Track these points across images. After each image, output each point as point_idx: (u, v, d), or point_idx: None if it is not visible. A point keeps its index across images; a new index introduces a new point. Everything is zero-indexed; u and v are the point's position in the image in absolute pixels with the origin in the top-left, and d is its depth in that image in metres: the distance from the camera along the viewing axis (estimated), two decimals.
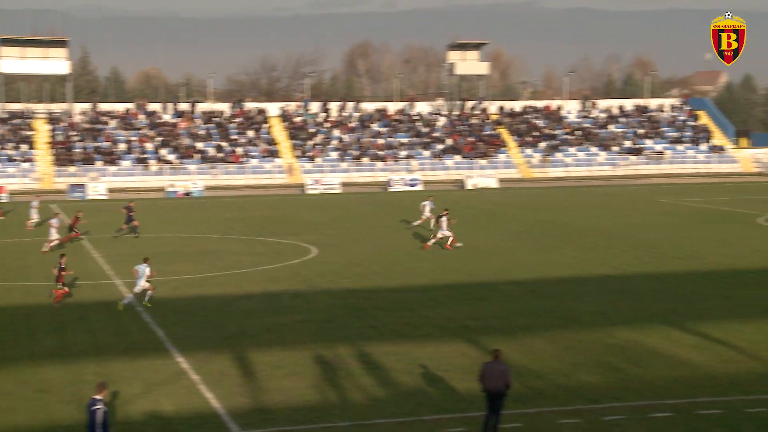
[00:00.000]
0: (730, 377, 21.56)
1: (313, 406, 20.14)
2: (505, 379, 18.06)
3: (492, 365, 18.25)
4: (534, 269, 36.19)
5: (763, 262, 36.76)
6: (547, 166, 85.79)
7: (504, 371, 18.11)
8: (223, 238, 46.42)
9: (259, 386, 21.42)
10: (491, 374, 18.10)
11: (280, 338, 25.67)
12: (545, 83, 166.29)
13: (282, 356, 23.80)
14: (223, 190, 75.14)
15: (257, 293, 31.91)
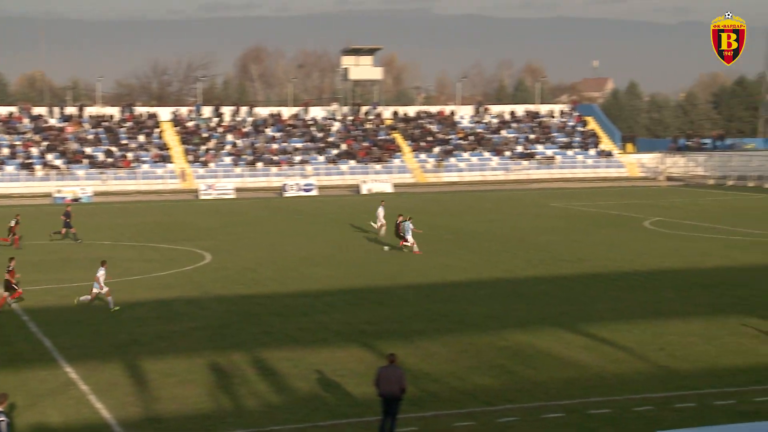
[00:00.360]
0: (618, 377, 22.13)
1: (206, 413, 19.88)
2: (400, 384, 18.13)
3: (387, 370, 18.32)
4: (429, 273, 36.49)
5: (649, 265, 37.88)
6: (441, 171, 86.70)
7: (399, 375, 18.20)
8: (114, 244, 45.46)
9: (150, 395, 21.04)
10: (387, 379, 18.16)
11: (172, 346, 25.27)
12: (438, 89, 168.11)
13: (175, 364, 23.43)
14: (114, 196, 73.60)
15: (149, 300, 31.34)
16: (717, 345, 24.77)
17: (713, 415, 19.30)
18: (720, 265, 37.59)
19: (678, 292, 32.05)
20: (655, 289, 32.69)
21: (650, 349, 24.49)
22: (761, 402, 20.08)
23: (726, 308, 29.23)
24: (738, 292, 31.75)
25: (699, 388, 21.18)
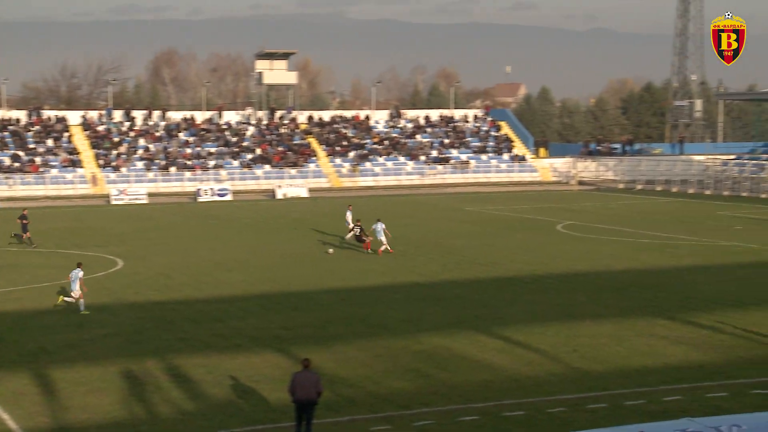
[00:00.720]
0: (532, 379, 22.42)
1: (119, 422, 19.52)
2: (316, 388, 18.07)
3: (302, 375, 18.23)
4: (345, 277, 36.49)
5: (561, 268, 38.51)
6: (357, 176, 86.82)
7: (315, 380, 18.13)
8: (21, 251, 44.38)
9: (60, 404, 20.56)
10: (302, 384, 18.06)
11: (83, 354, 24.75)
12: (353, 93, 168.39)
13: (85, 372, 22.95)
14: (21, 201, 71.80)
15: (58, 308, 30.64)
16: (627, 346, 25.29)
17: (624, 415, 19.68)
18: (629, 268, 38.42)
19: (589, 294, 32.65)
20: (567, 291, 33.25)
21: (563, 351, 24.88)
22: (670, 401, 20.55)
23: (635, 310, 29.88)
24: (646, 295, 32.48)
25: (610, 388, 21.58)
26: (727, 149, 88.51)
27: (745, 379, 22.13)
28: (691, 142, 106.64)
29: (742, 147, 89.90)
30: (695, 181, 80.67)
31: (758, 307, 30.13)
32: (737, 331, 26.85)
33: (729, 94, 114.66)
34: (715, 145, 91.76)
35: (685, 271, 37.50)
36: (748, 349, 24.88)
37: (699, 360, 23.87)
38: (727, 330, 26.93)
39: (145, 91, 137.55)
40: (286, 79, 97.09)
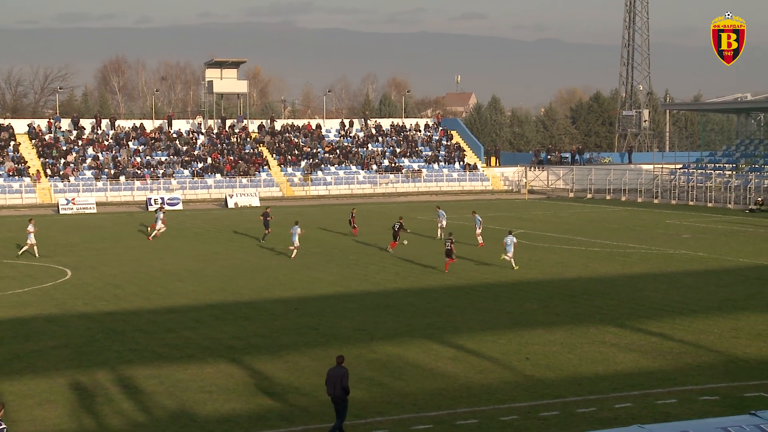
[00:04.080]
0: (485, 387, 22.54)
1: None
2: (342, 383, 18.66)
3: (332, 370, 18.89)
4: (297, 287, 36.40)
5: (513, 276, 38.77)
6: (308, 185, 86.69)
7: (340, 376, 18.71)
8: None
9: (7, 418, 20.19)
10: (330, 379, 18.77)
11: (30, 366, 24.40)
12: (304, 102, 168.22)
13: (33, 384, 22.62)
14: None
15: (5, 319, 30.18)
16: (578, 353, 25.54)
17: (576, 423, 19.86)
18: (580, 276, 38.81)
19: (541, 302, 32.92)
20: (519, 299, 33.49)
21: (515, 358, 25.05)
22: (620, 408, 20.78)
23: (586, 318, 30.18)
24: (597, 302, 32.83)
25: (562, 396, 21.77)
26: (675, 158, 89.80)
27: (694, 385, 22.46)
28: (640, 152, 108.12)
29: (689, 156, 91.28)
30: (644, 190, 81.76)
31: (705, 314, 30.61)
32: (686, 337, 27.25)
33: (675, 105, 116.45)
34: (662, 155, 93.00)
35: (634, 279, 37.97)
36: (696, 355, 25.26)
37: (649, 367, 24.18)
38: (676, 337, 27.33)
39: (93, 99, 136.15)
40: (237, 87, 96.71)
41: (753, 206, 68.94)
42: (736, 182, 73.32)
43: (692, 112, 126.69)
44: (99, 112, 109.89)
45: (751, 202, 70.00)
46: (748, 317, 30.03)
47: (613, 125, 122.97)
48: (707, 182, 75.92)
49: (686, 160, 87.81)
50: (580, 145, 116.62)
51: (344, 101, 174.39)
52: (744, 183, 72.70)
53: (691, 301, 32.90)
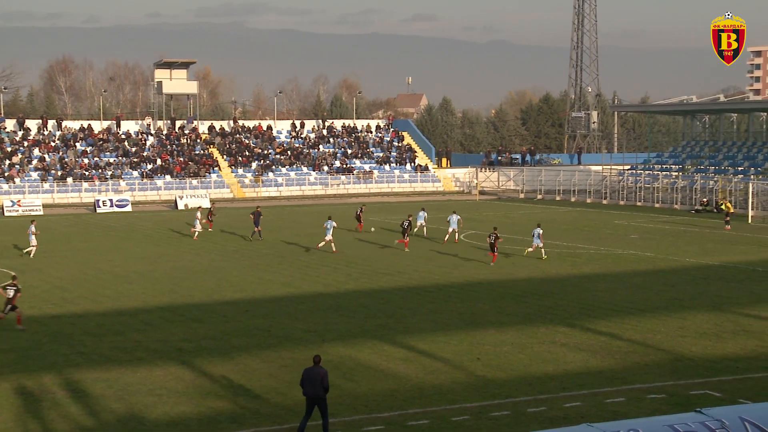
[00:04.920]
0: (436, 388, 22.60)
1: None
2: (322, 384, 18.78)
3: (310, 370, 18.91)
4: (248, 288, 36.23)
5: (464, 277, 38.95)
6: (260, 186, 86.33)
7: (321, 376, 18.80)
8: None
9: None
10: (309, 379, 18.80)
11: None
12: (255, 103, 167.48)
13: None
14: None
15: None
16: (529, 353, 25.72)
17: (526, 422, 20.00)
18: (530, 276, 39.10)
19: (492, 302, 33.11)
20: (470, 300, 33.65)
21: (467, 359, 25.16)
22: (570, 408, 20.96)
23: (537, 318, 30.41)
24: (547, 302, 33.10)
25: (513, 396, 21.91)
26: (623, 159, 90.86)
27: (642, 384, 22.73)
28: (589, 153, 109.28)
29: (637, 157, 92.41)
30: (593, 191, 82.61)
31: (652, 313, 31.01)
32: (634, 336, 27.58)
33: (623, 106, 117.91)
34: (611, 156, 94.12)
35: (584, 279, 38.35)
36: (644, 354, 25.57)
37: (598, 366, 24.43)
38: (624, 336, 27.64)
39: (39, 99, 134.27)
40: (186, 88, 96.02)
41: (698, 207, 69.98)
42: (683, 183, 74.36)
43: (640, 114, 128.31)
44: (45, 112, 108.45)
45: (696, 203, 71.05)
46: (694, 316, 30.48)
47: (563, 127, 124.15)
48: (654, 183, 76.92)
49: (634, 161, 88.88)
50: (531, 146, 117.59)
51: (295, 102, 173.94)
52: (690, 184, 73.76)
53: (639, 301, 33.30)
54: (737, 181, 70.41)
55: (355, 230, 55.24)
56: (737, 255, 45.35)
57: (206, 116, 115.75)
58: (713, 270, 40.72)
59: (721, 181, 71.52)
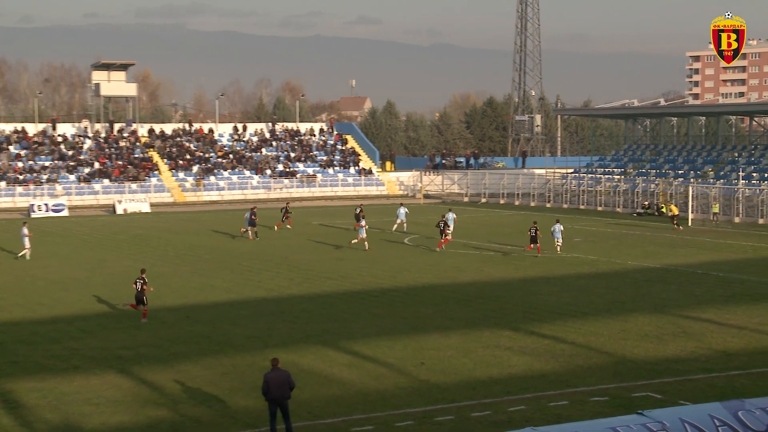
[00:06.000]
0: (380, 393, 22.61)
1: None
2: (289, 384, 19.06)
3: (274, 374, 19.02)
4: (189, 294, 35.91)
5: (408, 281, 39.03)
6: (201, 190, 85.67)
7: (286, 377, 19.11)
8: None
9: None
10: (276, 382, 18.91)
11: None
12: (196, 106, 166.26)
13: None
14: None
15: None
16: (473, 358, 25.84)
17: (471, 427, 20.09)
18: (475, 280, 39.30)
19: (436, 307, 33.21)
20: (414, 304, 33.72)
21: (411, 364, 25.20)
22: (514, 411, 21.10)
23: (481, 322, 30.58)
24: (491, 306, 33.30)
25: (457, 400, 21.99)
26: (566, 163, 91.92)
27: (584, 387, 22.97)
28: (533, 156, 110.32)
29: (580, 161, 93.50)
30: (537, 194, 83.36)
31: (594, 316, 31.37)
32: (577, 339, 27.86)
33: (566, 110, 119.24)
34: (554, 159, 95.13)
35: (528, 283, 38.66)
36: (587, 357, 25.85)
37: (542, 369, 24.63)
38: (567, 339, 27.91)
39: None
40: (125, 90, 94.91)
41: (640, 210, 70.98)
42: (625, 186, 75.36)
43: (583, 118, 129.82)
44: None
45: (638, 206, 72.06)
46: (636, 318, 30.89)
47: (507, 130, 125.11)
48: (597, 186, 77.85)
49: (577, 164, 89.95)
50: (475, 149, 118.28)
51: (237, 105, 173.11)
52: (632, 187, 74.79)
53: (582, 304, 33.66)
54: (677, 184, 71.55)
55: (353, 229, 54.93)
56: (678, 258, 46.08)
57: (146, 119, 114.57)
58: (655, 272, 41.32)
59: (662, 185, 72.63)
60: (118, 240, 54.50)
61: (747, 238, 54.14)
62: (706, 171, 74.54)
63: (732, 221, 63.98)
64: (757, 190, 65.15)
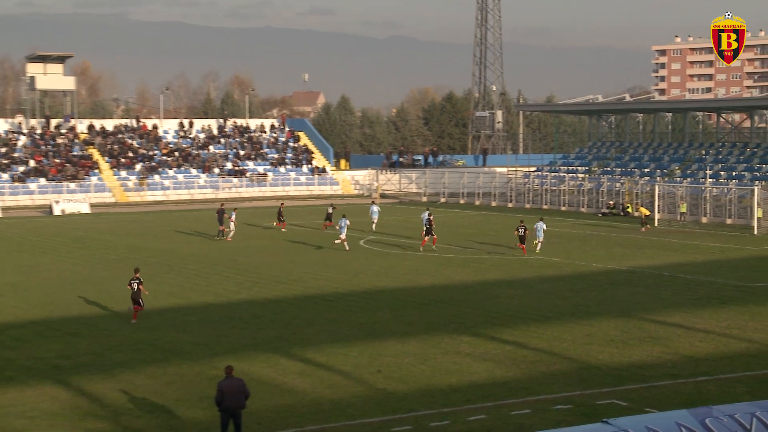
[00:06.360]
0: (335, 403, 22.59)
1: None
2: (244, 393, 19.00)
3: (228, 382, 18.94)
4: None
5: (365, 285, 39.05)
6: (145, 190, 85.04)
7: (241, 385, 19.06)
8: None
9: None
10: (231, 391, 18.84)
11: None
12: (139, 101, 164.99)
13: None
14: None
15: None
16: (432, 365, 25.92)
17: None
18: (434, 284, 39.42)
19: (394, 311, 33.27)
20: (371, 309, 33.75)
21: (367, 371, 25.22)
22: (474, 421, 21.19)
23: (440, 327, 30.67)
24: (451, 311, 33.42)
25: (415, 409, 22.04)
26: (529, 161, 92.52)
27: (547, 394, 23.13)
28: (494, 154, 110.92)
29: (543, 159, 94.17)
30: (498, 194, 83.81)
31: (558, 320, 31.61)
32: (540, 345, 28.06)
33: (528, 106, 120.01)
34: (516, 157, 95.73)
35: (489, 286, 38.86)
36: (550, 363, 26.04)
37: (503, 377, 24.78)
38: (530, 345, 28.10)
39: None
40: (63, 84, 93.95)
41: (605, 210, 71.69)
42: (589, 185, 76.05)
43: (545, 114, 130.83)
44: None
45: (603, 206, 72.75)
46: (600, 323, 31.19)
47: (467, 127, 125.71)
48: (561, 185, 78.47)
49: (540, 162, 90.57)
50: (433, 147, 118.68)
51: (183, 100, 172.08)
52: (596, 186, 75.50)
53: (545, 308, 33.91)
54: (643, 183, 72.35)
55: (321, 229, 56.01)
56: (644, 259, 46.59)
57: (85, 114, 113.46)
58: (620, 275, 41.74)
59: (627, 184, 73.40)
60: (55, 243, 53.93)
61: (714, 239, 54.90)
62: (673, 169, 75.46)
63: (699, 221, 64.85)
64: (724, 189, 66.09)
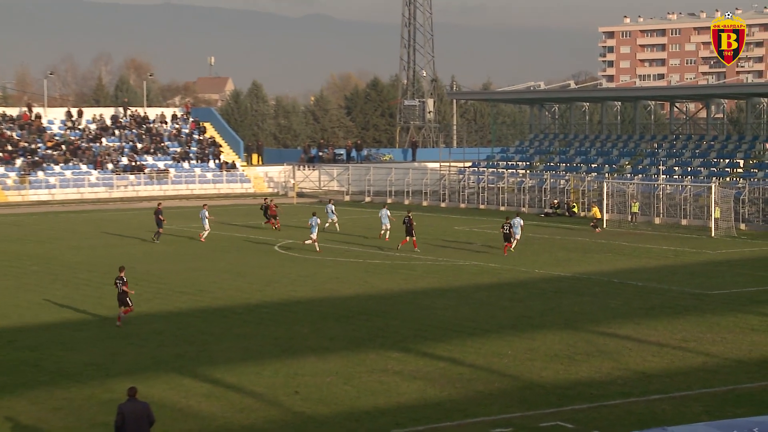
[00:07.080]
0: (246, 428, 22.51)
1: None
2: (149, 418, 18.64)
3: (130, 405, 18.62)
4: (12, 314, 35.10)
5: (280, 295, 38.93)
6: (27, 188, 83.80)
7: (146, 410, 18.67)
8: None
9: None
10: (133, 416, 18.46)
11: None
12: (19, 86, 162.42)
13: None
14: None
15: None
16: (356, 384, 25.94)
17: None
18: (358, 293, 39.46)
19: (313, 325, 33.23)
20: (287, 322, 33.67)
21: (283, 393, 25.16)
22: None
23: (365, 342, 30.72)
24: (377, 323, 33.49)
25: None
26: (464, 155, 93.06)
27: (485, 416, 23.29)
28: (425, 147, 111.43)
29: (479, 153, 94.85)
30: (430, 192, 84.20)
31: (498, 334, 31.86)
32: (477, 361, 28.24)
33: (462, 93, 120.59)
34: (450, 151, 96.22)
35: (420, 295, 39.00)
36: (489, 382, 26.23)
37: (436, 397, 24.88)
38: (466, 361, 28.27)
39: None
40: None
41: (549, 209, 72.48)
42: (531, 182, 76.81)
43: (482, 103, 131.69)
44: None
45: (546, 205, 73.55)
46: (544, 336, 31.50)
47: (394, 117, 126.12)
48: (499, 183, 79.11)
49: (476, 157, 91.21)
50: (357, 139, 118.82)
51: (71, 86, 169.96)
52: (539, 183, 76.28)
53: (482, 320, 34.14)
54: (591, 180, 73.24)
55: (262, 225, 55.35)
56: (591, 265, 47.21)
57: None
58: (565, 282, 42.23)
59: (573, 180, 74.29)
60: None
61: (668, 242, 55.86)
62: (623, 164, 76.60)
63: (652, 222, 65.91)
64: (679, 186, 67.22)
